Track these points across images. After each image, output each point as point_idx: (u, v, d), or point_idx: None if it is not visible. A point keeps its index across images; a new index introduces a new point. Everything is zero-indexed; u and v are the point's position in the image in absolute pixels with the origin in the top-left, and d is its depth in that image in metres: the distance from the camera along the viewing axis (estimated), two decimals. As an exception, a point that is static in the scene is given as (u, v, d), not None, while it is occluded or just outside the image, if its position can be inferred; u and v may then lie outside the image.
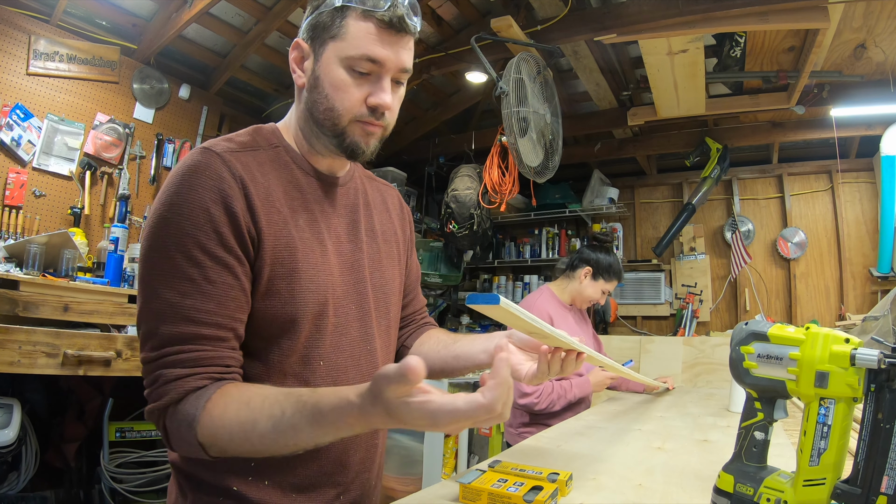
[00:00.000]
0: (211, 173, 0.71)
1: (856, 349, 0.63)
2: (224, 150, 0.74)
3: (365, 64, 0.75)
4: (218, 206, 0.70)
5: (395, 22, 0.75)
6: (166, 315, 0.67)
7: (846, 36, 2.83)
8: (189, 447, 0.67)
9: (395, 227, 1.01)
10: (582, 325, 2.32)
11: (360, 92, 0.77)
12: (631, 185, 4.76)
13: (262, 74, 3.69)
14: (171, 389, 0.67)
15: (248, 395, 0.66)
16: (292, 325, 0.76)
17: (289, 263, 0.75)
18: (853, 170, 3.93)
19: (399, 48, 0.77)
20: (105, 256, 2.67)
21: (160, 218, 0.69)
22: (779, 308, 4.11)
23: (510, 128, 2.72)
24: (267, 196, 0.75)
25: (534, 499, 0.76)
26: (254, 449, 0.64)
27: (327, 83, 0.77)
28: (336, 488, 0.82)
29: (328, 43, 0.76)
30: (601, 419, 1.65)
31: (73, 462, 2.61)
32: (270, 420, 0.62)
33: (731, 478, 0.74)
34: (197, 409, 0.65)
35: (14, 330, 1.90)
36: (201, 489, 0.76)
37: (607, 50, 3.32)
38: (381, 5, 0.74)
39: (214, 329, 0.69)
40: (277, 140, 0.83)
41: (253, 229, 0.72)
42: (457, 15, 3.33)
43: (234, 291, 0.70)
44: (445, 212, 3.93)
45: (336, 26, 0.75)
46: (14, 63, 2.66)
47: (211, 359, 0.68)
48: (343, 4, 0.75)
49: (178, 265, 0.68)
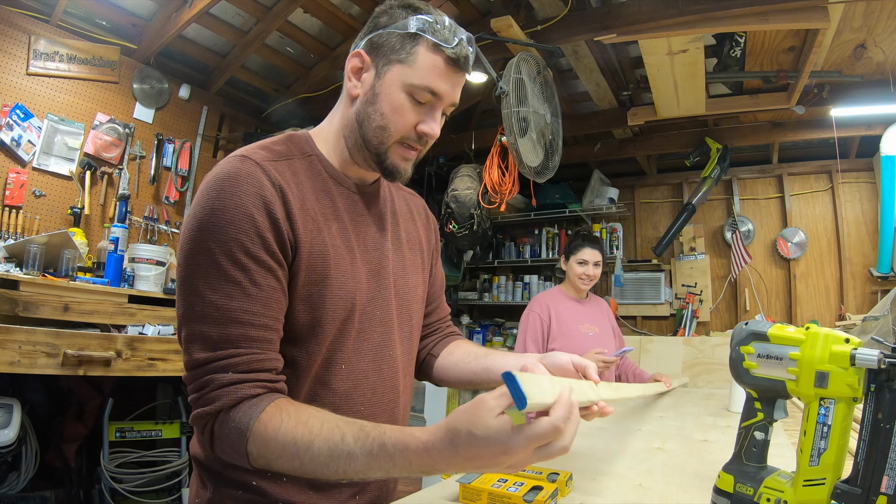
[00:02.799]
0: (252, 181, 0.72)
1: (856, 349, 0.63)
2: (262, 160, 0.75)
3: (426, 95, 0.79)
4: (261, 211, 0.71)
5: (461, 61, 0.79)
6: (213, 318, 0.68)
7: (846, 36, 2.83)
8: (235, 454, 0.68)
9: (421, 236, 1.02)
10: (596, 317, 2.38)
11: (414, 118, 0.80)
12: (631, 185, 4.76)
13: (262, 74, 3.69)
14: (224, 395, 0.67)
15: (306, 415, 0.67)
16: (320, 329, 0.77)
17: (321, 270, 0.77)
18: (853, 170, 3.93)
19: (456, 85, 0.82)
20: (105, 256, 2.67)
21: (201, 223, 0.70)
22: (779, 308, 4.11)
23: (510, 128, 2.72)
24: (302, 205, 0.77)
25: (534, 499, 0.76)
26: (301, 468, 0.65)
27: (386, 102, 0.79)
28: (352, 488, 0.83)
29: (394, 64, 0.79)
30: (601, 419, 1.65)
31: (73, 462, 2.61)
32: (327, 444, 0.63)
33: (731, 478, 0.74)
34: (251, 418, 0.66)
35: (14, 330, 1.90)
36: (221, 482, 0.78)
37: (607, 50, 3.32)
38: (451, 41, 0.78)
39: (262, 331, 0.70)
40: (310, 149, 0.85)
41: (291, 236, 0.74)
42: (457, 15, 3.33)
43: (277, 294, 0.72)
44: (445, 212, 3.92)
45: (406, 51, 0.78)
46: (14, 63, 2.66)
47: (261, 362, 0.70)
48: (417, 32, 0.78)
49: (224, 269, 0.69)
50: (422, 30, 0.78)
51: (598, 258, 2.31)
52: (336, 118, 0.87)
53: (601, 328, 2.34)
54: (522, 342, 2.24)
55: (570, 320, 2.26)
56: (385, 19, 0.81)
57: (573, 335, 2.23)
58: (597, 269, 2.31)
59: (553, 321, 2.23)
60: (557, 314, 2.25)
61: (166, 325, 2.45)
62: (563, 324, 2.24)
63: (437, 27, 0.78)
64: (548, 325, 2.23)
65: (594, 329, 2.31)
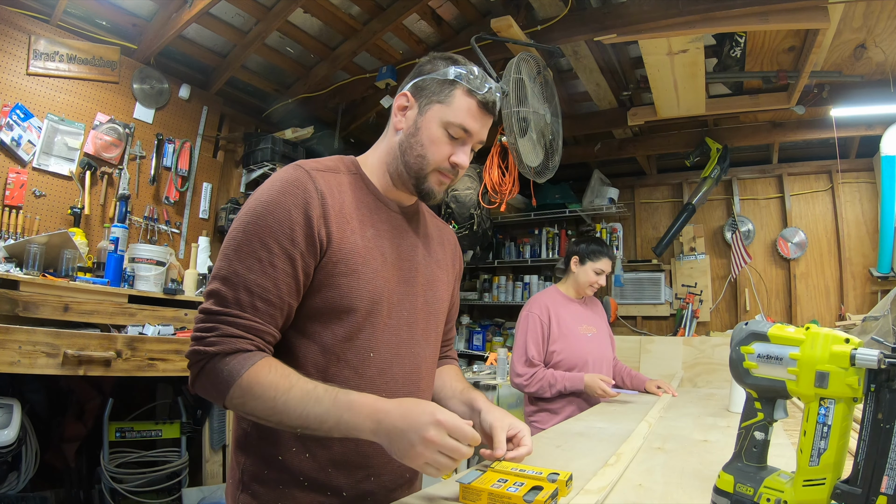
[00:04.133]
0: (299, 184, 0.88)
1: (856, 349, 0.63)
2: (312, 169, 0.91)
3: (459, 131, 0.95)
4: (298, 210, 0.86)
5: (490, 106, 0.96)
6: (232, 282, 0.83)
7: (846, 36, 2.83)
8: (214, 392, 0.82)
9: (448, 259, 1.15)
10: (594, 317, 2.37)
11: (448, 150, 0.96)
12: (631, 185, 4.76)
13: (262, 74, 3.69)
14: (225, 342, 0.81)
15: (289, 371, 0.82)
16: (347, 314, 0.90)
17: (351, 264, 0.90)
18: (853, 170, 3.93)
19: (485, 126, 0.98)
20: (105, 256, 2.67)
21: (253, 211, 0.86)
22: (779, 308, 4.11)
23: (510, 128, 2.72)
24: (341, 209, 0.91)
25: (534, 499, 0.76)
26: (272, 410, 0.78)
27: (426, 135, 0.95)
28: (367, 469, 0.93)
29: (434, 104, 0.95)
30: (601, 419, 1.65)
31: (73, 462, 2.61)
32: (302, 390, 0.79)
33: (731, 478, 0.74)
34: (243, 367, 0.80)
35: (14, 330, 1.90)
36: (253, 460, 0.91)
37: (607, 50, 3.32)
38: (483, 89, 0.94)
39: (266, 305, 0.84)
40: (356, 169, 1.00)
41: (324, 233, 0.87)
42: (457, 15, 3.33)
43: (288, 279, 0.85)
44: (445, 212, 3.93)
45: (445, 94, 0.95)
46: (14, 63, 2.66)
47: (260, 331, 0.83)
48: (455, 77, 0.94)
49: (254, 248, 0.84)
50: (459, 77, 0.94)
51: (611, 268, 2.32)
52: (381, 148, 1.02)
53: (598, 329, 2.34)
54: (523, 344, 2.19)
55: (569, 322, 2.24)
56: (428, 67, 0.98)
57: (573, 336, 2.22)
58: None
59: (553, 322, 2.20)
60: (557, 315, 2.22)
61: (166, 325, 2.45)
62: (563, 325, 2.21)
63: (471, 77, 0.94)
64: (548, 326, 2.20)
65: (592, 330, 2.30)
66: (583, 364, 2.18)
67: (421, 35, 3.44)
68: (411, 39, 3.41)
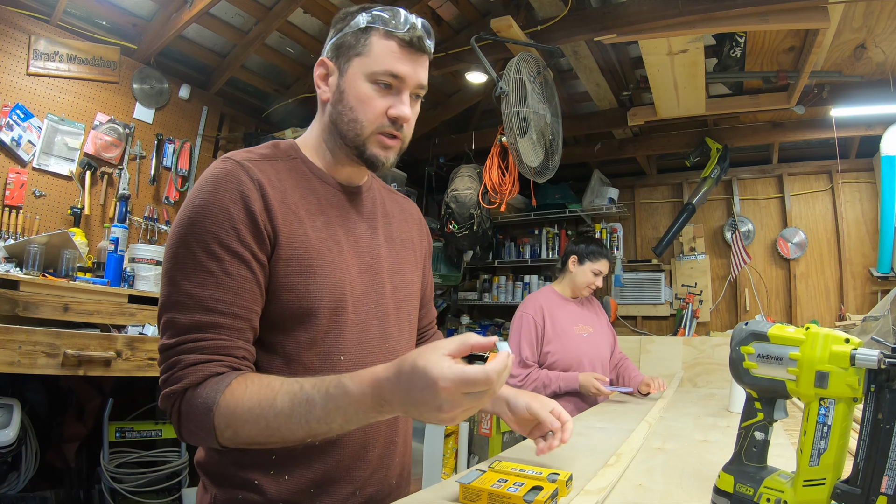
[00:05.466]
0: (231, 177, 0.77)
1: (856, 349, 0.63)
2: (243, 159, 0.80)
3: (388, 78, 0.82)
4: (237, 205, 0.75)
5: (415, 42, 0.82)
6: (185, 305, 0.72)
7: (846, 36, 2.83)
8: (201, 432, 0.70)
9: (414, 237, 1.05)
10: (590, 316, 2.36)
11: (382, 104, 0.83)
12: (631, 186, 4.76)
13: (263, 74, 3.68)
14: (191, 373, 0.70)
15: (268, 379, 0.70)
16: (308, 318, 0.79)
17: (304, 260, 0.80)
18: (853, 170, 3.93)
19: (417, 66, 0.84)
20: (105, 256, 2.67)
21: (185, 219, 0.75)
22: (779, 308, 4.11)
23: (510, 128, 2.72)
24: (283, 199, 0.80)
25: (534, 499, 0.76)
26: (268, 430, 0.66)
27: (352, 96, 0.83)
28: (353, 484, 0.84)
29: (353, 60, 0.83)
30: (601, 419, 1.65)
31: (73, 462, 2.61)
32: (288, 395, 0.66)
33: (731, 478, 0.74)
34: (217, 392, 0.68)
35: (14, 330, 1.89)
36: (223, 483, 0.80)
37: (607, 50, 3.32)
38: (401, 27, 0.82)
39: (231, 319, 0.73)
40: (295, 153, 0.89)
41: (269, 227, 0.77)
42: (457, 15, 3.33)
43: (249, 284, 0.75)
44: (445, 212, 3.92)
45: (361, 44, 0.83)
46: (14, 63, 2.66)
47: (228, 348, 0.73)
48: (367, 25, 0.82)
49: (200, 259, 0.73)
50: (372, 22, 0.82)
51: (609, 270, 2.32)
52: (315, 126, 0.92)
53: (595, 328, 2.32)
54: (517, 344, 2.17)
55: (564, 322, 2.23)
56: (341, 25, 0.86)
57: (568, 337, 2.20)
58: None
59: (547, 323, 2.19)
60: (552, 316, 2.21)
61: (166, 325, 2.45)
62: (557, 325, 2.20)
63: (386, 17, 0.82)
64: (542, 326, 2.18)
65: (588, 330, 2.28)
66: (578, 364, 2.17)
67: (421, 35, 3.44)
68: (411, 39, 3.40)
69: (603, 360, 2.29)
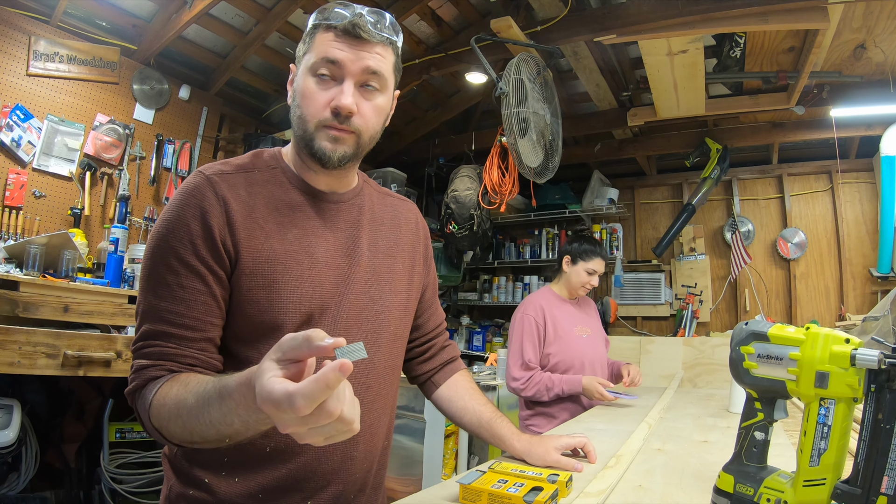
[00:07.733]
0: (196, 193, 0.79)
1: (856, 349, 0.63)
2: (214, 173, 0.82)
3: (325, 67, 0.81)
4: (196, 221, 0.77)
5: (351, 29, 0.80)
6: (146, 314, 0.77)
7: (846, 36, 2.83)
8: (150, 432, 0.74)
9: (404, 243, 1.01)
10: (584, 318, 2.33)
11: (324, 97, 0.81)
12: (631, 186, 4.76)
13: (263, 75, 3.69)
14: (137, 377, 0.75)
15: (188, 377, 0.71)
16: (274, 332, 0.78)
17: (269, 274, 0.80)
18: (853, 170, 3.93)
19: (360, 52, 0.81)
20: (105, 257, 2.67)
21: (157, 234, 0.79)
22: (779, 308, 4.11)
23: (510, 128, 2.73)
24: (249, 213, 0.81)
25: (534, 499, 0.76)
26: (185, 428, 0.67)
27: (298, 93, 0.84)
28: (303, 493, 0.83)
29: (302, 59, 0.84)
30: (601, 420, 1.65)
31: (73, 463, 2.60)
32: (195, 394, 0.66)
33: (731, 478, 0.74)
34: (151, 392, 0.72)
35: (14, 331, 1.89)
36: (179, 477, 0.83)
37: (607, 50, 3.32)
38: (339, 17, 0.81)
39: (181, 329, 0.76)
40: (276, 162, 0.89)
41: (230, 242, 0.79)
42: (456, 15, 3.34)
43: (203, 297, 0.77)
44: (445, 212, 3.92)
45: (307, 43, 0.84)
46: (14, 64, 2.66)
47: (172, 355, 0.75)
48: (313, 24, 0.83)
49: (160, 273, 0.77)
50: (316, 20, 0.83)
51: (604, 268, 2.29)
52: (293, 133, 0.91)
53: (592, 329, 2.31)
54: (519, 346, 2.14)
55: (564, 323, 2.21)
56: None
57: (568, 338, 2.18)
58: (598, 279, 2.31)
59: (548, 324, 2.17)
60: (552, 317, 2.19)
61: (166, 326, 2.45)
62: (558, 327, 2.18)
63: (328, 13, 0.82)
64: (543, 328, 2.16)
65: (587, 331, 2.27)
66: (579, 366, 2.15)
67: (421, 35, 3.45)
68: (411, 40, 3.41)
69: (602, 361, 2.28)
